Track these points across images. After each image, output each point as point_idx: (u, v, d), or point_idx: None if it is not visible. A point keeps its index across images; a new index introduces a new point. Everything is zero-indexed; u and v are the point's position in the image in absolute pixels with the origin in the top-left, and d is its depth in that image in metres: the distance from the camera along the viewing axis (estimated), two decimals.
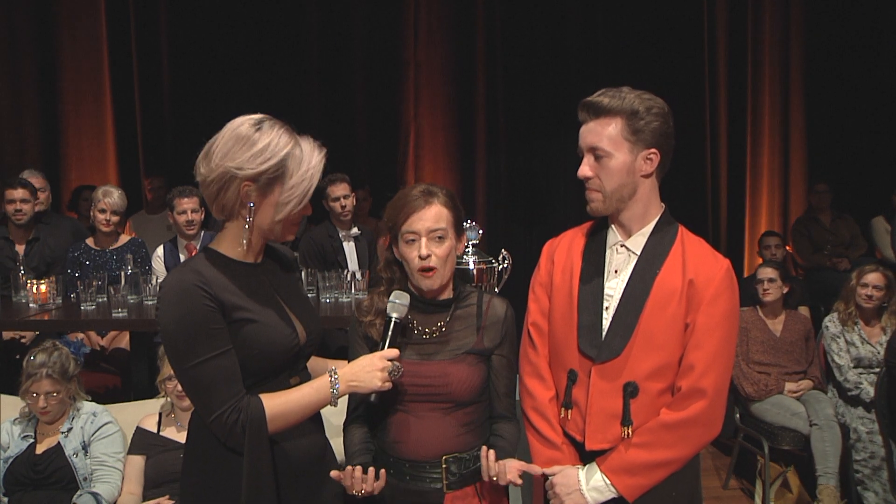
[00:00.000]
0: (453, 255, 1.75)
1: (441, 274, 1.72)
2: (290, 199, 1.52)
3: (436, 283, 1.73)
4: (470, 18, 6.14)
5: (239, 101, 5.54)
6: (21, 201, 3.98)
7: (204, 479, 1.56)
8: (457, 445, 1.73)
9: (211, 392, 1.46)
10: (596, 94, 1.68)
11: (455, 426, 1.73)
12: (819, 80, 6.14)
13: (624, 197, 1.67)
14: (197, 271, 1.48)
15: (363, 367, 1.59)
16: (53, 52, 5.82)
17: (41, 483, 2.61)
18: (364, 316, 1.78)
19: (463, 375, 1.72)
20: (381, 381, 1.59)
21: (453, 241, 1.74)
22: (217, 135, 1.51)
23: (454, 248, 1.75)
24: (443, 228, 1.71)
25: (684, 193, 5.84)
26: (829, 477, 3.33)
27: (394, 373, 1.61)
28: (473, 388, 1.73)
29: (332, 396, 1.55)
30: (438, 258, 1.70)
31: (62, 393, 2.66)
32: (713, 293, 1.63)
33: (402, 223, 1.72)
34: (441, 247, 1.71)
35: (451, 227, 1.74)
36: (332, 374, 1.56)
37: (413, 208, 1.71)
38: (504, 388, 1.80)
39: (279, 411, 1.50)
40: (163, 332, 1.47)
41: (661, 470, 1.64)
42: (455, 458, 1.72)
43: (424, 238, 1.70)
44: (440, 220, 1.71)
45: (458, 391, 1.71)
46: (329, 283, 3.63)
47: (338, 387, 1.55)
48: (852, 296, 3.67)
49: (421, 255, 1.70)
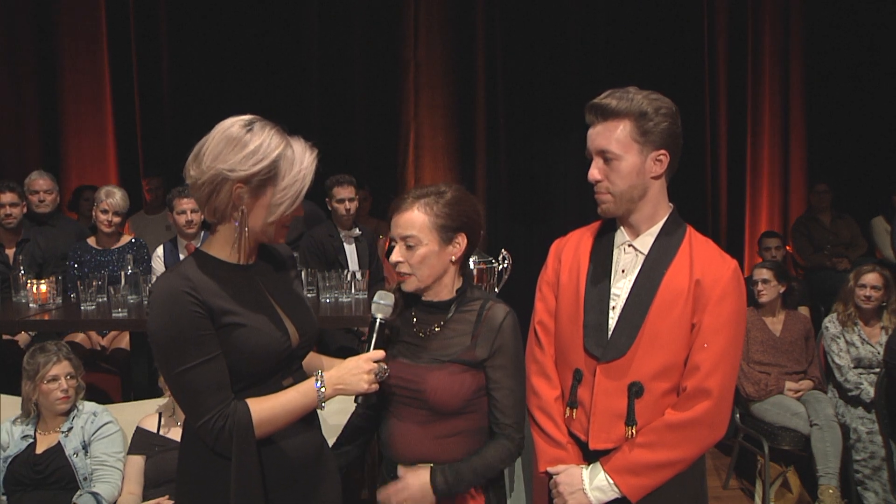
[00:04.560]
0: (433, 260, 1.68)
1: (417, 278, 1.70)
2: (282, 200, 1.51)
3: (411, 286, 1.71)
4: (470, 18, 6.14)
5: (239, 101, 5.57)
6: (10, 205, 3.98)
7: (197, 481, 1.56)
8: (438, 455, 1.70)
9: (198, 398, 1.45)
10: (603, 96, 1.66)
11: (433, 436, 1.70)
12: (819, 80, 6.13)
13: (634, 198, 1.67)
14: (185, 276, 1.48)
15: (349, 370, 1.58)
16: (53, 52, 5.81)
17: (41, 483, 2.61)
18: None
19: (439, 383, 1.67)
20: (368, 383, 1.58)
21: (433, 247, 1.68)
22: (207, 136, 1.49)
23: (435, 253, 1.68)
24: (412, 235, 1.67)
25: (684, 193, 5.80)
26: (830, 477, 3.33)
27: (380, 374, 1.60)
28: (453, 398, 1.67)
29: (318, 399, 1.55)
30: (410, 265, 1.69)
31: (78, 377, 2.70)
32: (720, 294, 1.62)
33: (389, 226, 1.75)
34: (412, 253, 1.68)
35: (430, 233, 1.67)
36: (318, 377, 1.56)
37: (391, 212, 1.73)
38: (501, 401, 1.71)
39: (266, 416, 1.49)
40: (151, 337, 1.47)
41: (665, 470, 1.64)
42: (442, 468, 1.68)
43: (398, 243, 1.70)
44: (410, 228, 1.67)
45: (434, 399, 1.67)
46: (329, 283, 3.63)
47: (323, 390, 1.55)
48: (851, 297, 3.67)
49: (391, 261, 1.71)
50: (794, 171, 6.29)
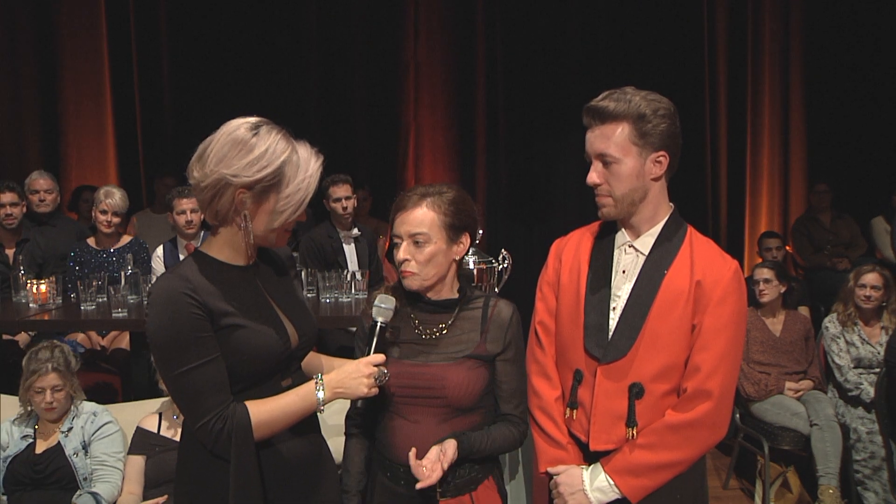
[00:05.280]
0: (440, 258, 1.69)
1: (422, 276, 1.69)
2: (285, 207, 1.49)
3: (414, 284, 1.70)
4: (470, 18, 6.14)
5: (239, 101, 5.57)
6: (10, 205, 3.98)
7: (195, 482, 1.56)
8: None
9: (197, 400, 1.45)
10: (600, 99, 1.64)
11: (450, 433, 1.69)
12: (819, 79, 6.14)
13: (635, 201, 1.66)
14: (185, 277, 1.47)
15: (349, 374, 1.57)
16: (53, 52, 5.81)
17: (41, 483, 2.61)
18: (366, 313, 1.76)
19: (460, 379, 1.68)
20: (368, 387, 1.57)
21: (441, 245, 1.68)
22: (212, 137, 1.47)
23: (443, 251, 1.69)
24: (423, 233, 1.66)
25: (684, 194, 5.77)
26: (830, 477, 3.33)
27: (380, 378, 1.59)
28: (471, 394, 1.69)
29: (317, 403, 1.54)
30: (417, 263, 1.68)
31: (67, 388, 2.67)
32: (721, 294, 1.62)
33: (392, 224, 1.72)
34: (420, 251, 1.67)
35: (439, 231, 1.68)
36: (317, 380, 1.55)
37: (398, 210, 1.70)
38: (509, 392, 1.76)
39: (265, 419, 1.49)
40: (150, 339, 1.46)
41: (665, 471, 1.63)
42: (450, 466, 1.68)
43: (405, 241, 1.68)
44: (421, 225, 1.66)
45: (455, 395, 1.68)
46: (329, 283, 3.63)
47: (323, 394, 1.54)
48: (851, 297, 3.67)
49: (397, 259, 1.69)
50: (794, 171, 6.29)
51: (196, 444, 1.52)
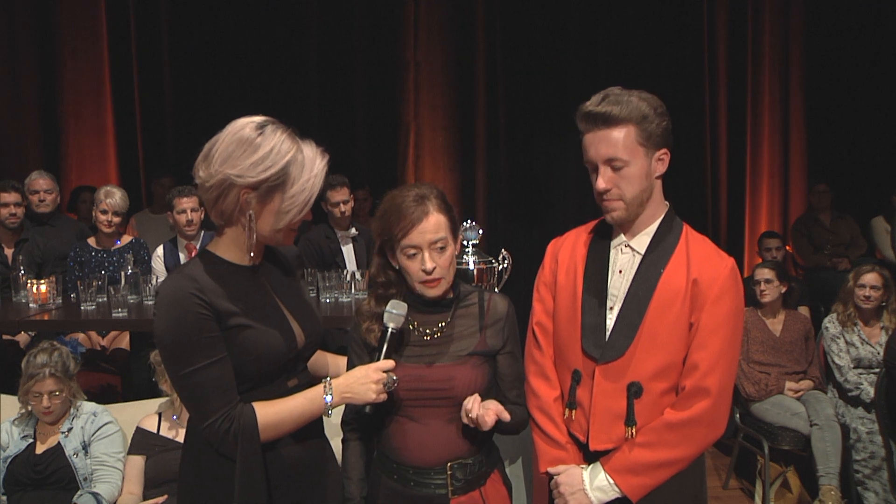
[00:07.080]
0: (453, 259, 1.72)
1: (447, 280, 1.70)
2: (290, 207, 1.49)
3: (441, 291, 1.70)
4: (470, 18, 6.14)
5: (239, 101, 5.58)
6: (14, 205, 3.98)
7: (199, 482, 1.56)
8: (461, 451, 1.71)
9: (204, 400, 1.45)
10: (598, 104, 1.63)
11: (459, 431, 1.70)
12: (819, 80, 6.14)
13: (644, 201, 1.66)
14: (192, 277, 1.47)
15: (357, 379, 1.57)
16: (54, 52, 5.81)
17: (41, 483, 2.61)
18: (363, 321, 1.74)
19: (468, 378, 1.69)
20: (376, 393, 1.56)
21: (453, 245, 1.71)
22: (218, 136, 1.47)
23: (454, 252, 1.72)
24: (443, 238, 1.66)
25: (684, 193, 5.83)
26: (830, 477, 3.33)
27: (388, 385, 1.58)
28: (479, 390, 1.70)
29: (325, 407, 1.54)
30: (442, 268, 1.67)
31: (65, 392, 2.66)
32: (717, 292, 1.62)
33: (402, 237, 1.65)
34: (443, 256, 1.67)
35: (450, 233, 1.69)
36: (326, 384, 1.55)
37: (411, 221, 1.63)
38: (510, 380, 1.79)
39: (272, 421, 1.49)
40: (157, 339, 1.46)
41: (664, 470, 1.64)
42: (460, 463, 1.70)
43: (427, 251, 1.65)
44: (440, 230, 1.65)
45: (463, 394, 1.68)
46: (329, 283, 3.63)
47: (331, 398, 1.54)
48: (850, 297, 3.67)
49: (426, 269, 1.65)
50: (794, 171, 6.29)
51: (201, 443, 1.52)
